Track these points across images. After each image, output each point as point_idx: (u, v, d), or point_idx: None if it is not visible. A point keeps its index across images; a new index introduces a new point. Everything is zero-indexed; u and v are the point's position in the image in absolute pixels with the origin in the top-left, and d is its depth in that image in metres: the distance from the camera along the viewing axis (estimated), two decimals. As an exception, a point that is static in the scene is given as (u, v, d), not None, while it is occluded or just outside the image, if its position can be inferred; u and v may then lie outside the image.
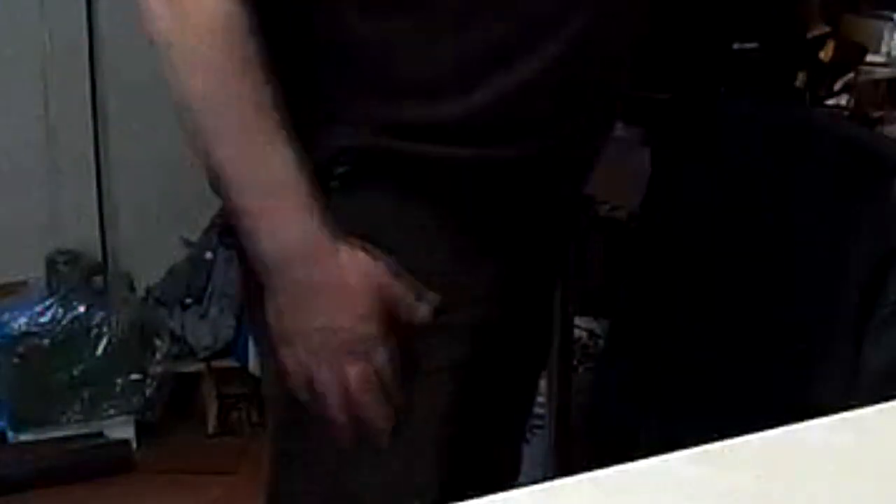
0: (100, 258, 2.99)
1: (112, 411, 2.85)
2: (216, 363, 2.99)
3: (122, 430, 2.86)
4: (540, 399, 2.27)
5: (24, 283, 2.90)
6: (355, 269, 1.26)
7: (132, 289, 3.02)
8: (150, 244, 3.04)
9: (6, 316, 2.80)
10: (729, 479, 0.82)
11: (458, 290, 1.36)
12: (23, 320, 2.79)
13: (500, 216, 1.38)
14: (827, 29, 2.14)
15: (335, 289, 1.25)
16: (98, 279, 2.91)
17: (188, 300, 3.00)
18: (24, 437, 2.81)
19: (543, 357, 1.78)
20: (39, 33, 2.88)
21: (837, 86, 2.09)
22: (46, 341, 2.79)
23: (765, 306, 1.81)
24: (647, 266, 1.99)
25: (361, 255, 1.26)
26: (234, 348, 2.97)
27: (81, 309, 2.81)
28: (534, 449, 2.36)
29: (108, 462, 2.80)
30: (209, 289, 2.99)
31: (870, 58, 2.20)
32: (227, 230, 1.42)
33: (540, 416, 2.31)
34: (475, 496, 1.46)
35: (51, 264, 2.89)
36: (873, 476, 0.83)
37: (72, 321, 2.81)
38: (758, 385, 1.80)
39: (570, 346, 2.27)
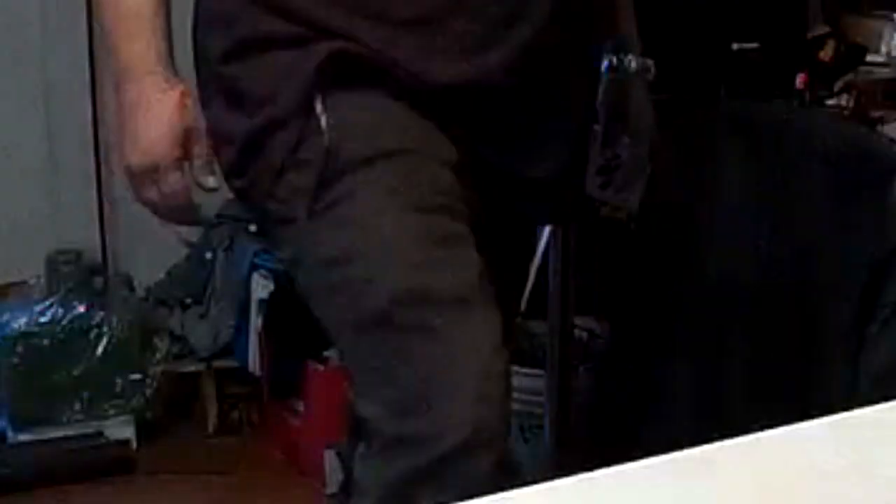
0: (100, 258, 2.99)
1: (112, 411, 2.85)
2: (216, 363, 2.99)
3: (122, 430, 2.86)
4: (540, 399, 2.27)
5: (24, 283, 2.90)
6: (171, 102, 1.47)
7: (132, 289, 3.02)
8: (150, 244, 3.04)
9: (6, 316, 2.80)
10: (729, 479, 0.82)
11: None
12: (23, 320, 2.79)
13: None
14: (827, 29, 2.14)
15: (147, 110, 1.47)
16: (98, 279, 2.91)
17: (188, 300, 3.01)
18: (24, 437, 2.81)
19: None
20: (39, 33, 2.88)
21: (837, 86, 2.09)
22: (46, 341, 2.79)
23: (765, 306, 1.81)
24: (648, 266, 1.99)
25: (181, 94, 1.47)
26: (234, 348, 2.97)
27: (81, 309, 2.82)
28: (534, 449, 2.36)
29: (108, 462, 2.80)
30: (209, 289, 2.99)
31: (870, 58, 2.20)
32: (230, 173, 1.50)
33: (540, 417, 2.31)
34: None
35: (51, 264, 2.89)
36: (874, 476, 0.83)
37: (72, 321, 2.81)
38: (758, 385, 1.80)
39: (570, 346, 2.27)
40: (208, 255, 3.00)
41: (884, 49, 2.23)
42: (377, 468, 1.39)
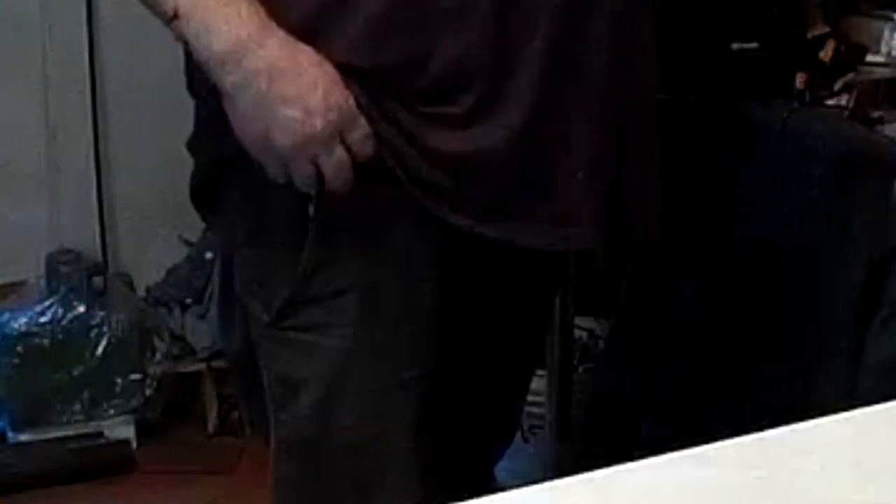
0: (100, 258, 2.99)
1: (112, 411, 2.85)
2: (216, 363, 2.98)
3: (122, 430, 2.86)
4: (540, 399, 2.27)
5: (24, 283, 2.90)
6: (300, 46, 1.24)
7: (132, 289, 3.02)
8: (150, 244, 3.04)
9: (6, 316, 2.80)
10: (729, 479, 0.82)
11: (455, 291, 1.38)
12: (23, 320, 2.79)
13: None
14: (827, 29, 2.14)
15: (289, 66, 1.23)
16: (98, 279, 2.91)
17: (188, 300, 3.00)
18: (24, 437, 2.81)
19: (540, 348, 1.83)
20: (39, 33, 2.88)
21: (837, 86, 2.09)
22: (46, 341, 2.79)
23: (765, 306, 1.81)
24: (647, 266, 1.99)
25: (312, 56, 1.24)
26: (234, 348, 2.97)
27: (81, 309, 2.81)
28: (534, 449, 2.36)
29: (108, 462, 2.80)
30: (209, 289, 2.98)
31: (870, 58, 2.21)
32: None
33: (540, 416, 2.31)
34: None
35: (51, 264, 2.89)
36: (873, 476, 0.83)
37: (72, 321, 2.80)
38: (758, 385, 1.80)
39: (570, 346, 2.27)
40: (208, 256, 2.99)
41: (884, 49, 2.24)
42: None
